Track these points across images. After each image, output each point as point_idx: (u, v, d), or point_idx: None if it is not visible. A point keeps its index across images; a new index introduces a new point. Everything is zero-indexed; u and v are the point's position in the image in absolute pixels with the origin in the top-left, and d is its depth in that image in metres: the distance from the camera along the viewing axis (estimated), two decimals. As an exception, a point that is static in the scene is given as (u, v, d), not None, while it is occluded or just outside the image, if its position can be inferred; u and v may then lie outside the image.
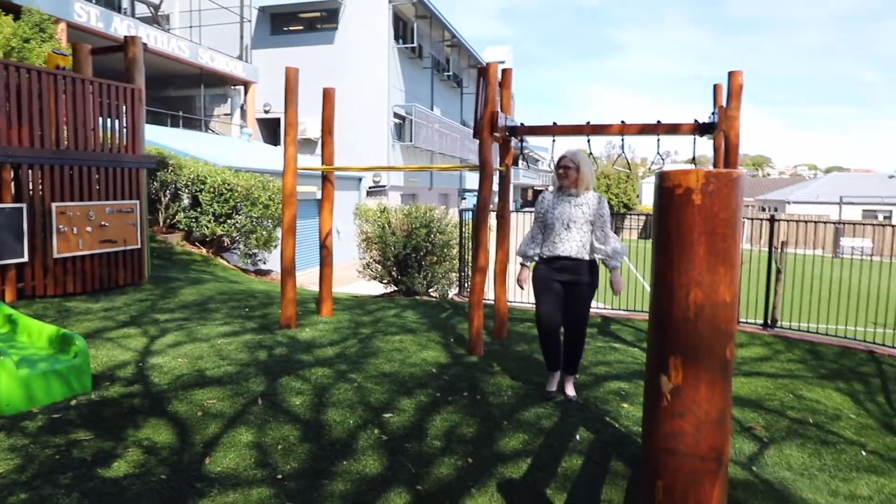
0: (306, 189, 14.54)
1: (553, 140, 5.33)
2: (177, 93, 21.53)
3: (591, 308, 4.18)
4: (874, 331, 6.91)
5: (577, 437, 3.53)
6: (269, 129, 23.17)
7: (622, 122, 5.00)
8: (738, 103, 4.80)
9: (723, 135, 4.84)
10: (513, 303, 7.25)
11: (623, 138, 5.23)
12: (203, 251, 10.90)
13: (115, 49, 7.55)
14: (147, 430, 3.35)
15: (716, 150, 5.12)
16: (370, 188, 21.37)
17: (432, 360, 4.74)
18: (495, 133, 5.07)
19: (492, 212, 6.12)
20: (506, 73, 5.59)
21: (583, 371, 4.69)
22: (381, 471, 3.05)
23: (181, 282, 7.73)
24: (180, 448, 3.17)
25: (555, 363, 4.14)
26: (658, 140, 5.16)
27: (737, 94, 4.81)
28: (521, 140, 5.62)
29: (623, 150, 5.54)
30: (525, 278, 4.23)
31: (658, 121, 4.97)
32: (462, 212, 8.97)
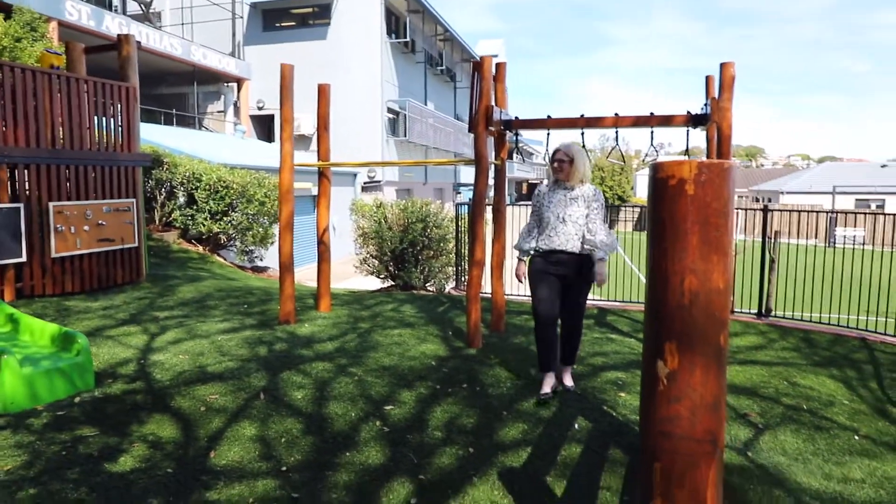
0: (301, 185, 14.52)
1: (548, 133, 5.36)
2: (169, 90, 21.48)
3: (587, 300, 4.21)
4: (867, 318, 6.99)
5: (576, 427, 3.59)
6: (263, 126, 23.14)
7: (616, 114, 5.05)
8: (730, 95, 4.85)
9: (715, 126, 4.89)
10: (510, 296, 7.30)
11: (617, 131, 5.28)
12: (200, 249, 10.91)
13: (109, 48, 7.54)
14: (151, 426, 3.40)
15: (709, 141, 5.17)
16: (365, 184, 21.38)
17: (431, 353, 4.79)
18: (490, 127, 5.11)
19: (488, 206, 6.16)
20: (500, 67, 5.62)
21: (580, 362, 4.75)
22: (384, 461, 3.10)
23: (179, 279, 7.75)
24: (185, 443, 3.22)
25: (549, 362, 4.05)
26: (652, 132, 5.21)
27: (729, 85, 4.86)
28: (516, 134, 5.66)
29: (617, 143, 5.59)
30: (523, 272, 4.23)
31: (651, 113, 5.02)
32: (458, 206, 9.01)
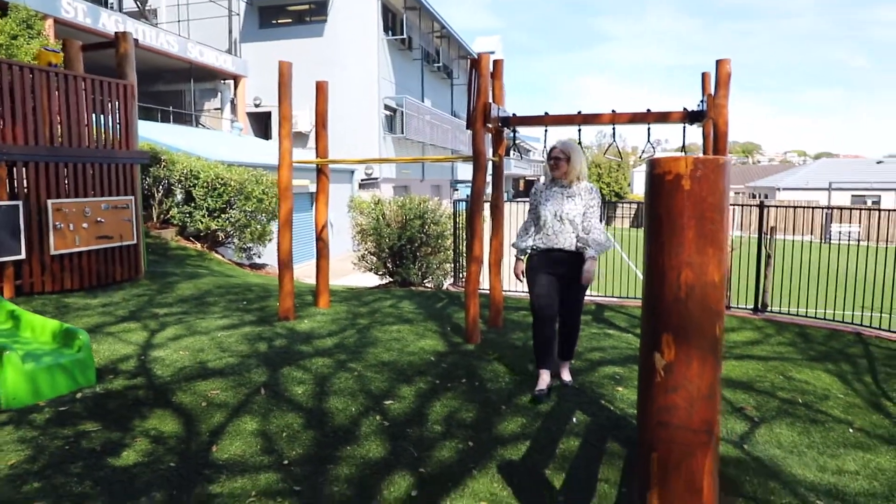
0: (299, 183, 14.52)
1: (545, 130, 5.39)
2: (166, 88, 21.43)
3: (585, 297, 4.22)
4: (861, 314, 7.04)
5: (574, 420, 3.63)
6: (260, 123, 23.11)
7: (613, 111, 5.08)
8: (726, 91, 4.88)
9: (712, 123, 4.93)
10: (508, 292, 7.33)
11: (614, 127, 5.31)
12: (198, 246, 10.92)
13: (106, 45, 7.54)
14: (153, 421, 3.42)
15: (705, 137, 5.20)
16: (362, 181, 21.38)
17: (430, 349, 4.82)
18: (488, 124, 5.13)
19: (486, 202, 6.19)
20: (497, 64, 5.65)
21: (578, 357, 4.79)
22: (385, 455, 3.13)
23: (178, 276, 7.77)
24: (187, 437, 3.25)
25: (546, 359, 4.03)
26: (648, 129, 5.24)
27: (725, 82, 4.89)
28: (514, 130, 5.68)
29: (614, 140, 5.62)
30: (521, 270, 4.22)
31: (648, 110, 5.05)
32: (455, 202, 9.03)
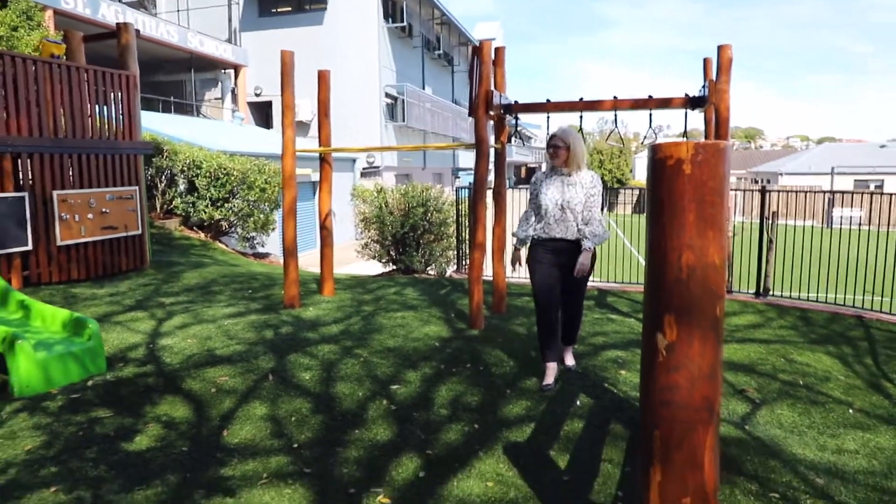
0: (301, 172, 14.51)
1: (548, 117, 5.41)
2: (167, 78, 21.39)
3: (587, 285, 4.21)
4: (863, 298, 7.08)
5: (578, 403, 3.68)
6: (261, 113, 23.09)
7: (615, 97, 5.09)
8: (727, 77, 4.89)
9: (713, 108, 4.94)
10: (511, 278, 7.38)
11: (616, 113, 5.32)
12: (201, 236, 10.97)
13: (108, 36, 7.56)
14: (164, 407, 3.49)
15: (707, 123, 5.22)
16: (364, 169, 21.38)
17: (434, 335, 4.88)
18: (490, 111, 5.15)
19: (488, 189, 6.22)
20: (499, 51, 5.65)
21: (581, 341, 4.84)
22: (392, 438, 3.20)
23: (183, 266, 7.83)
24: (198, 422, 3.31)
25: (551, 351, 3.99)
26: (650, 114, 5.26)
27: (726, 67, 4.90)
28: (516, 117, 5.70)
29: (616, 126, 5.64)
30: (518, 259, 4.23)
31: (650, 96, 5.06)
32: (458, 190, 9.06)
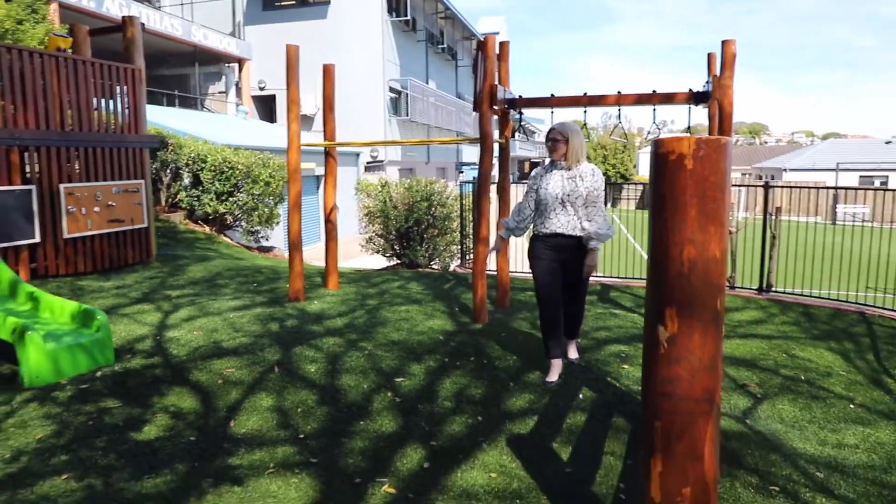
0: (305, 166, 14.55)
1: (552, 112, 5.42)
2: (171, 72, 21.41)
3: (590, 280, 4.22)
4: (866, 294, 7.09)
5: (581, 396, 3.72)
6: (265, 107, 23.09)
7: (618, 92, 5.11)
8: (731, 72, 4.90)
9: (717, 103, 4.95)
10: (514, 272, 7.41)
11: (619, 109, 5.34)
12: (206, 229, 11.02)
13: (113, 30, 7.58)
14: (172, 398, 3.53)
15: (710, 118, 5.22)
16: (368, 163, 21.40)
17: (439, 329, 4.92)
18: (494, 106, 5.17)
19: (492, 184, 6.24)
20: (503, 46, 5.67)
21: (584, 336, 4.87)
22: (397, 429, 3.24)
23: (188, 259, 7.88)
24: (205, 413, 3.36)
25: (555, 348, 3.96)
26: (654, 110, 5.27)
27: (730, 63, 4.90)
28: (520, 112, 5.71)
29: (619, 121, 5.65)
30: (497, 248, 4.49)
31: (653, 91, 5.07)
32: (462, 184, 9.09)
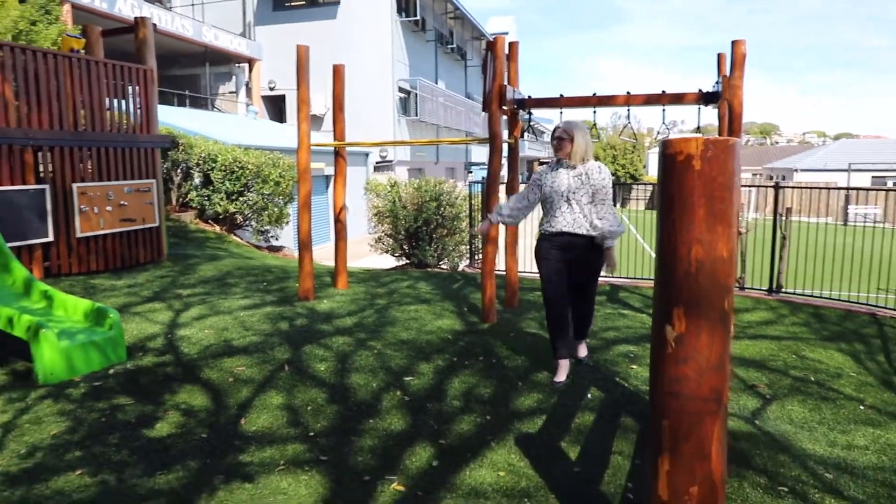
0: (315, 166, 14.61)
1: (560, 112, 5.43)
2: (181, 72, 21.55)
3: (598, 280, 4.17)
4: (877, 296, 7.05)
5: (589, 396, 3.72)
6: (275, 107, 23.19)
7: (628, 93, 5.11)
8: (741, 72, 4.88)
9: (727, 104, 4.94)
10: (523, 273, 7.41)
11: (629, 109, 5.34)
12: (216, 229, 11.09)
13: (126, 30, 7.65)
14: (183, 395, 3.57)
15: (720, 118, 5.21)
16: (377, 163, 21.44)
17: (447, 328, 4.93)
18: (504, 106, 5.18)
19: (501, 184, 6.25)
20: (513, 46, 5.68)
21: (593, 336, 4.87)
22: (406, 428, 3.26)
23: (198, 258, 7.94)
24: (216, 411, 3.39)
25: (563, 348, 3.93)
26: (663, 110, 5.27)
27: (740, 63, 4.89)
28: (529, 112, 5.72)
29: (629, 121, 5.65)
30: (483, 231, 4.40)
31: (663, 91, 5.07)
32: (471, 184, 9.10)
